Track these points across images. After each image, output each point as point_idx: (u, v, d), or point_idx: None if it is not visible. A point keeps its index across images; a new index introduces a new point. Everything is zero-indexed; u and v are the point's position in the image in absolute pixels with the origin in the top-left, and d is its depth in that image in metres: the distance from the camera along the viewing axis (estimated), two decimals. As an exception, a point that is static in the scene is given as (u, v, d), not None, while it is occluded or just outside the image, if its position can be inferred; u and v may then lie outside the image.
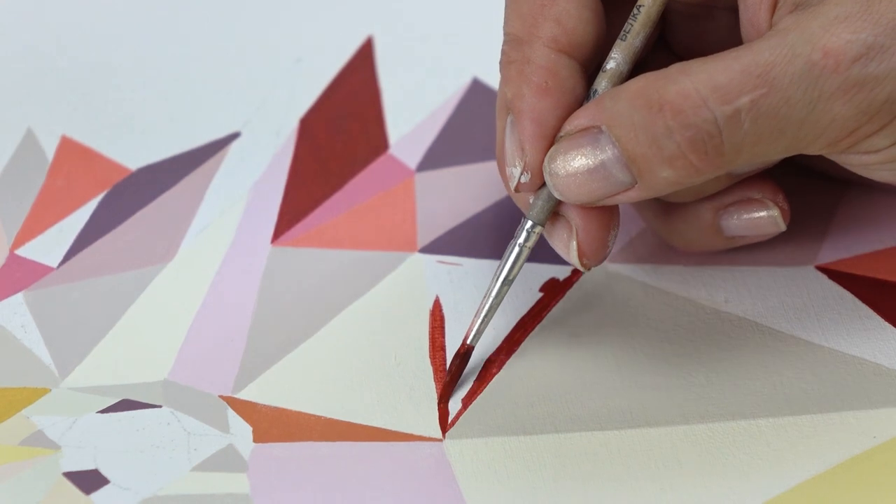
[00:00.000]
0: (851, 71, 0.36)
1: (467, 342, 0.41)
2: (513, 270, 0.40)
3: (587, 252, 0.40)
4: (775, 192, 0.41)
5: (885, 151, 0.38)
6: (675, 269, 0.44)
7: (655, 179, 0.37)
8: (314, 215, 0.47)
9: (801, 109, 0.37)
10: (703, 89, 0.36)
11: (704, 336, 0.42)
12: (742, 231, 0.42)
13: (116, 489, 0.40)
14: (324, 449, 0.40)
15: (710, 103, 0.36)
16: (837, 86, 0.36)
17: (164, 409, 0.42)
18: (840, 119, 0.37)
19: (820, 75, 0.36)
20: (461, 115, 0.51)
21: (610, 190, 0.38)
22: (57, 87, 0.54)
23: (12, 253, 0.48)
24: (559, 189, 0.39)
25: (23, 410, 0.42)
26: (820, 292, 0.43)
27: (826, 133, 0.37)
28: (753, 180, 0.41)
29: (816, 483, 0.38)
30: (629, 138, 0.37)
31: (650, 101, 0.37)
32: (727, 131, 0.37)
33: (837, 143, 0.38)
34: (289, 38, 0.55)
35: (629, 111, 0.37)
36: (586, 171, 0.38)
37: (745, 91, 0.36)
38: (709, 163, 0.37)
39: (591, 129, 0.38)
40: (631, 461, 0.39)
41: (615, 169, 0.37)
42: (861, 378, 0.40)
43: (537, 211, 0.40)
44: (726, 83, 0.36)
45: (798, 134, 0.37)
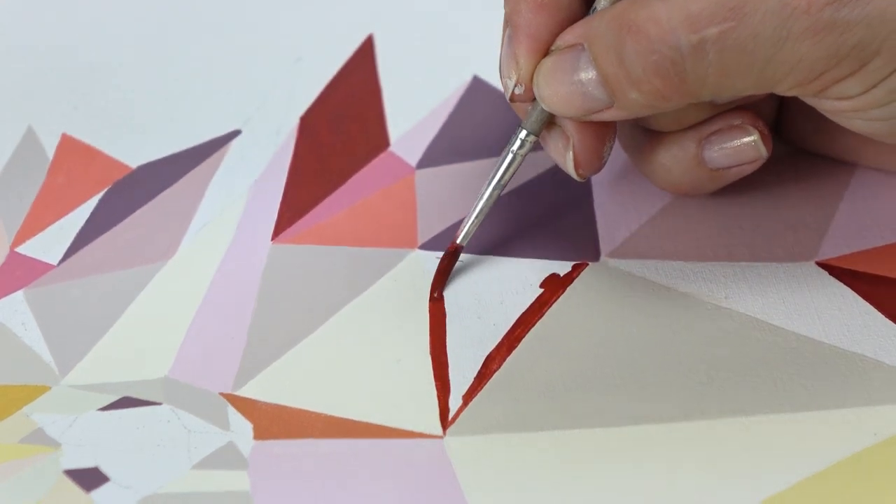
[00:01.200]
0: (823, 13, 0.37)
1: (457, 241, 0.43)
2: (505, 175, 0.42)
3: (582, 162, 0.41)
4: (755, 119, 0.42)
5: (857, 99, 0.39)
6: (676, 265, 0.44)
7: (627, 100, 0.39)
8: (314, 213, 0.48)
9: (769, 47, 0.37)
10: (675, 17, 0.37)
11: (704, 332, 0.42)
12: (725, 161, 0.42)
13: (117, 487, 0.40)
14: (324, 446, 0.40)
15: (677, 31, 0.37)
16: (807, 26, 0.37)
17: (165, 406, 0.42)
18: (808, 60, 0.37)
19: (791, 15, 0.37)
20: (462, 112, 0.51)
21: (590, 106, 0.39)
22: (57, 85, 0.54)
23: (13, 251, 0.48)
24: (545, 102, 0.40)
25: (23, 408, 0.42)
26: (820, 288, 0.42)
27: (793, 73, 0.38)
28: (734, 110, 0.42)
29: (817, 480, 0.38)
30: (602, 58, 0.38)
31: (623, 23, 0.38)
32: (691, 60, 0.37)
33: (806, 85, 0.38)
34: (289, 37, 0.55)
35: (605, 31, 0.38)
36: (568, 87, 0.39)
37: (715, 22, 0.37)
38: (673, 89, 0.38)
39: (575, 47, 0.39)
40: (631, 458, 0.39)
41: (592, 87, 0.39)
42: (862, 375, 0.40)
43: (532, 121, 0.42)
44: (698, 13, 0.37)
45: (765, 71, 0.38)
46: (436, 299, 0.44)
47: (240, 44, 0.55)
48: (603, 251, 0.45)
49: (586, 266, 0.44)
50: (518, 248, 0.45)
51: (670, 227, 0.45)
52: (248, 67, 0.54)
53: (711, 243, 0.44)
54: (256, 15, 0.56)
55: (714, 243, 0.44)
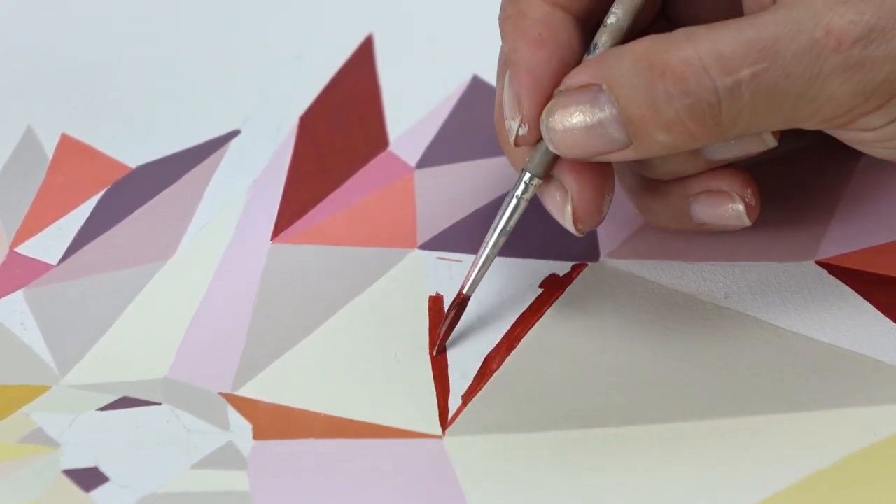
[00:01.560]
0: (852, 51, 0.37)
1: (464, 292, 0.42)
2: (510, 222, 0.41)
3: (582, 217, 0.40)
4: (744, 186, 0.42)
5: (882, 130, 0.38)
6: (675, 265, 0.44)
7: (650, 142, 0.38)
8: (314, 212, 0.47)
9: (800, 85, 0.37)
10: (706, 58, 0.37)
11: (704, 332, 0.42)
12: (709, 220, 0.42)
13: (116, 487, 0.40)
14: (324, 446, 0.40)
15: (711, 73, 0.37)
16: (837, 64, 0.37)
17: (164, 406, 0.42)
18: (837, 97, 0.37)
19: (821, 53, 0.37)
20: (461, 112, 0.51)
21: (605, 147, 0.39)
22: (57, 84, 0.54)
23: (12, 250, 0.48)
24: (555, 143, 0.39)
25: (22, 408, 0.42)
26: (820, 288, 0.42)
27: (822, 110, 0.38)
28: (725, 171, 0.42)
29: (816, 480, 0.38)
30: (629, 100, 0.38)
31: (653, 64, 0.37)
32: (726, 102, 0.37)
33: (833, 120, 0.38)
34: (289, 36, 0.55)
35: (631, 73, 0.37)
36: (583, 128, 0.38)
37: (748, 63, 0.37)
38: (706, 131, 0.38)
39: (591, 87, 0.38)
40: (631, 457, 0.39)
41: (612, 128, 0.38)
42: (861, 374, 0.40)
43: (535, 164, 0.40)
44: (730, 54, 0.37)
45: (795, 108, 0.38)
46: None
47: (239, 43, 0.55)
48: (602, 251, 0.45)
49: (586, 266, 0.44)
50: (517, 248, 0.45)
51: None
52: (248, 67, 0.54)
53: (711, 243, 0.44)
54: (256, 15, 0.56)
55: (714, 243, 0.44)
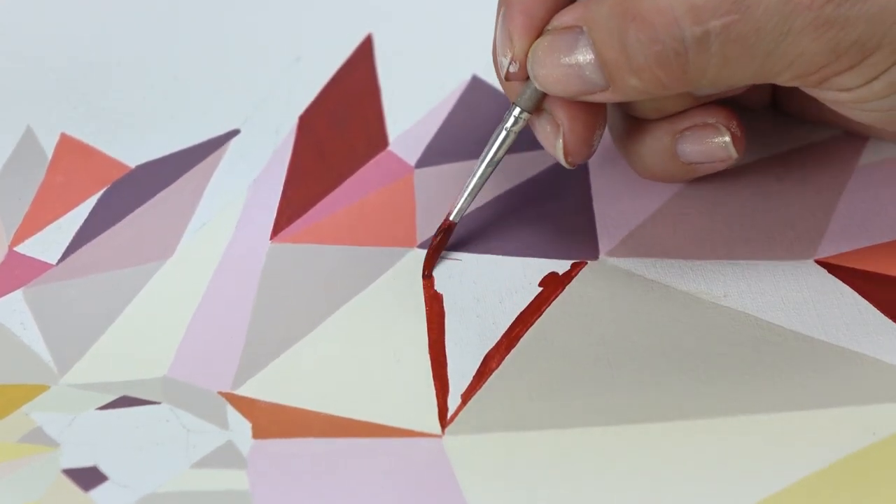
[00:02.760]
0: (825, 9, 0.37)
1: (450, 218, 0.44)
2: (498, 152, 0.43)
3: (572, 150, 0.42)
4: (729, 119, 0.43)
5: (857, 91, 0.39)
6: (674, 263, 0.44)
7: (625, 85, 0.39)
8: (313, 212, 0.47)
9: (771, 40, 0.37)
10: (678, 7, 0.37)
11: (703, 330, 0.42)
12: (696, 157, 0.43)
13: (115, 486, 0.40)
14: (323, 445, 0.40)
15: (681, 22, 0.37)
16: (809, 21, 0.37)
17: (164, 405, 0.42)
18: (808, 54, 0.38)
19: (793, 10, 0.37)
20: (461, 111, 0.51)
21: (585, 88, 0.40)
22: (56, 84, 0.54)
23: (11, 250, 0.48)
24: (539, 81, 0.41)
25: (22, 407, 0.42)
26: (819, 287, 0.42)
27: (794, 66, 0.38)
28: (711, 106, 0.43)
29: (816, 479, 0.38)
30: (603, 43, 0.39)
31: (626, 10, 0.38)
32: (694, 51, 0.38)
33: (806, 77, 0.39)
34: (288, 36, 0.55)
35: (607, 16, 0.38)
36: (564, 68, 0.40)
37: (718, 14, 0.37)
38: (674, 79, 0.39)
39: (573, 28, 0.39)
40: (629, 456, 0.39)
41: (589, 70, 0.39)
42: (860, 373, 0.40)
43: (525, 98, 0.42)
44: (701, 4, 0.37)
45: (765, 63, 0.38)
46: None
47: (239, 43, 0.55)
48: (602, 249, 0.45)
49: (585, 264, 0.44)
50: (517, 246, 0.45)
51: (669, 225, 0.45)
52: (247, 67, 0.54)
53: (710, 241, 0.44)
54: (255, 14, 0.56)
55: (713, 241, 0.44)
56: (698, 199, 0.45)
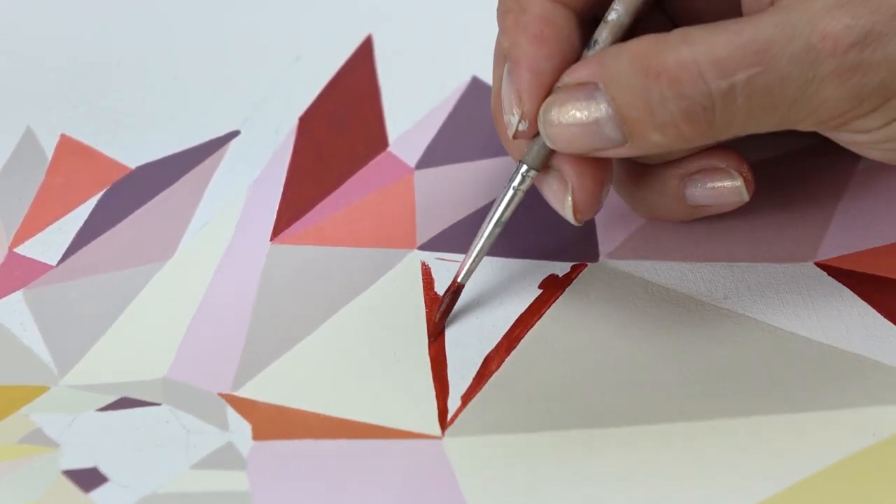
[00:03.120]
0: (848, 55, 0.37)
1: (458, 280, 0.43)
2: (505, 212, 0.42)
3: (581, 207, 0.41)
4: (740, 163, 0.42)
5: (876, 132, 0.39)
6: (675, 266, 0.44)
7: (645, 141, 0.38)
8: (313, 213, 0.47)
9: (795, 89, 0.37)
10: (702, 61, 0.37)
11: (704, 333, 0.42)
12: (706, 200, 0.42)
13: (115, 487, 0.40)
14: (323, 446, 0.40)
15: (707, 76, 0.37)
16: (832, 69, 0.37)
17: (164, 406, 0.42)
18: (832, 100, 0.37)
19: (817, 57, 0.37)
20: (460, 112, 0.51)
21: (600, 144, 0.39)
22: (56, 85, 0.54)
23: (11, 251, 0.48)
24: (551, 138, 0.40)
25: (22, 408, 0.42)
26: (819, 289, 0.42)
27: (817, 112, 0.38)
28: (718, 150, 0.42)
29: (816, 480, 0.38)
30: (624, 100, 0.38)
31: (649, 66, 0.37)
32: (721, 105, 0.37)
33: (828, 122, 0.38)
34: (288, 37, 0.55)
35: (627, 73, 0.37)
36: (579, 125, 0.39)
37: (743, 67, 0.37)
38: (699, 133, 0.38)
39: (588, 85, 0.38)
40: (630, 458, 0.39)
41: (607, 126, 0.38)
42: (860, 375, 0.40)
43: (532, 156, 0.41)
44: (725, 57, 0.37)
45: (790, 112, 0.38)
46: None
47: (239, 44, 0.55)
48: (602, 252, 0.45)
49: (585, 267, 0.44)
50: (517, 248, 0.45)
51: (669, 227, 0.45)
52: (247, 67, 0.54)
53: (710, 244, 0.44)
54: (255, 15, 0.56)
55: (713, 244, 0.44)
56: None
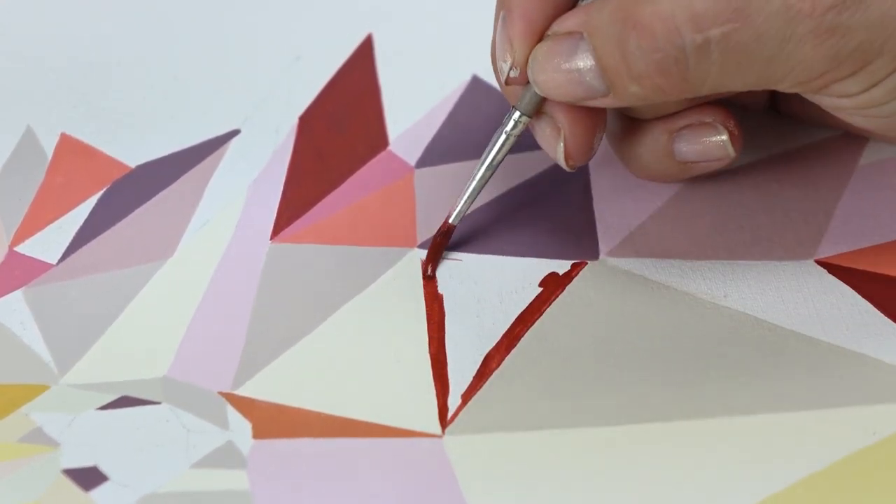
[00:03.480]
0: (826, 17, 0.37)
1: (449, 221, 0.44)
2: (497, 156, 0.43)
3: (573, 153, 0.42)
4: (727, 118, 0.43)
5: (857, 97, 0.39)
6: (675, 264, 0.44)
7: (625, 92, 0.39)
8: (313, 212, 0.47)
9: (771, 47, 0.37)
10: (679, 15, 0.37)
11: (703, 331, 0.42)
12: (693, 156, 0.43)
13: (115, 486, 0.40)
14: (323, 445, 0.40)
15: (682, 30, 0.37)
16: (810, 29, 0.37)
17: (164, 405, 0.42)
18: (809, 61, 0.38)
19: (794, 17, 0.37)
20: (461, 112, 0.50)
21: (585, 94, 0.40)
22: (56, 84, 0.54)
23: (11, 250, 0.48)
24: (539, 86, 0.41)
25: (22, 407, 0.42)
26: (819, 287, 0.42)
27: (794, 72, 0.38)
28: (707, 106, 0.43)
29: (816, 479, 0.38)
30: (603, 50, 0.39)
31: (626, 16, 0.38)
32: (694, 59, 0.38)
33: (807, 84, 0.39)
34: (288, 36, 0.55)
35: (608, 23, 0.38)
36: (564, 74, 0.40)
37: (719, 22, 0.37)
38: (674, 86, 0.39)
39: (574, 34, 0.39)
40: (630, 457, 0.39)
41: (590, 76, 0.39)
42: (861, 373, 0.40)
43: (525, 102, 0.42)
44: (702, 12, 0.37)
45: (766, 70, 0.38)
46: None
47: (239, 43, 0.55)
48: (602, 250, 0.45)
49: (585, 265, 0.44)
50: (517, 246, 0.45)
51: (669, 225, 0.45)
52: (247, 67, 0.54)
53: (711, 242, 0.44)
54: (255, 14, 0.56)
55: (713, 242, 0.44)
56: (699, 199, 0.45)
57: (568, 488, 0.38)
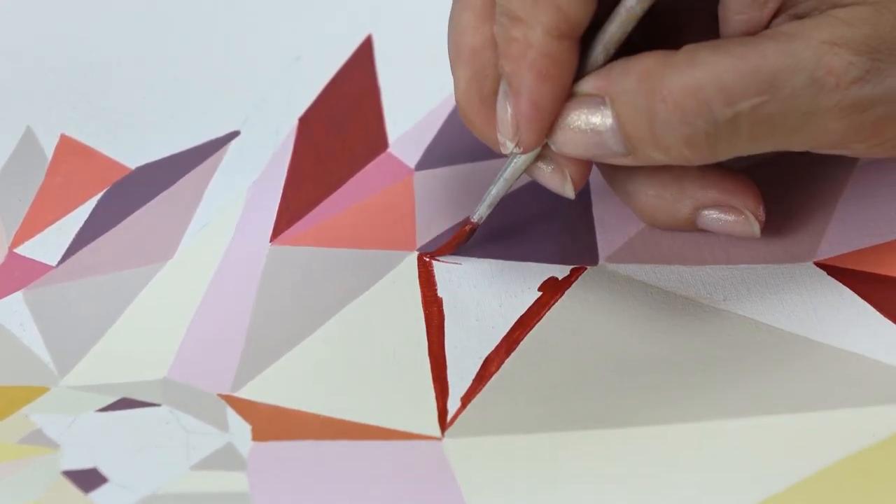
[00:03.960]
0: (850, 91, 0.37)
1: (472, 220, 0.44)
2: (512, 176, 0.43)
3: (579, 185, 0.41)
4: (756, 203, 0.42)
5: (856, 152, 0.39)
6: (674, 269, 0.44)
7: (647, 158, 0.39)
8: (313, 214, 0.47)
9: (797, 120, 0.37)
10: (708, 87, 0.37)
11: (703, 335, 0.42)
12: (717, 230, 0.43)
13: (115, 488, 0.40)
14: (322, 447, 0.40)
15: (712, 104, 0.37)
16: (835, 103, 0.37)
17: (163, 407, 0.42)
18: (832, 132, 0.38)
19: (820, 91, 0.37)
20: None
21: (602, 154, 0.39)
22: (56, 85, 0.54)
23: (11, 251, 0.48)
24: (555, 141, 0.40)
25: (22, 409, 0.42)
26: (819, 289, 0.42)
27: (815, 141, 0.38)
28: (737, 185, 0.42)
29: (816, 481, 0.37)
30: (628, 118, 0.38)
31: (654, 88, 0.37)
32: (724, 132, 0.37)
33: (822, 147, 0.39)
34: (288, 37, 0.55)
35: (633, 91, 0.38)
36: (583, 134, 0.39)
37: (748, 96, 0.37)
38: (700, 157, 0.38)
39: (595, 97, 0.39)
40: (629, 460, 0.39)
41: (610, 139, 0.39)
42: (860, 375, 0.40)
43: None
44: (731, 84, 0.37)
45: (789, 139, 0.38)
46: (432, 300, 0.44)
47: (238, 44, 0.55)
48: (601, 255, 0.45)
49: (585, 270, 0.44)
50: (517, 251, 0.45)
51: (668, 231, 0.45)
52: (247, 68, 0.54)
53: (709, 246, 0.44)
54: (255, 15, 0.56)
55: (712, 246, 0.44)
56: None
57: (567, 491, 0.38)
